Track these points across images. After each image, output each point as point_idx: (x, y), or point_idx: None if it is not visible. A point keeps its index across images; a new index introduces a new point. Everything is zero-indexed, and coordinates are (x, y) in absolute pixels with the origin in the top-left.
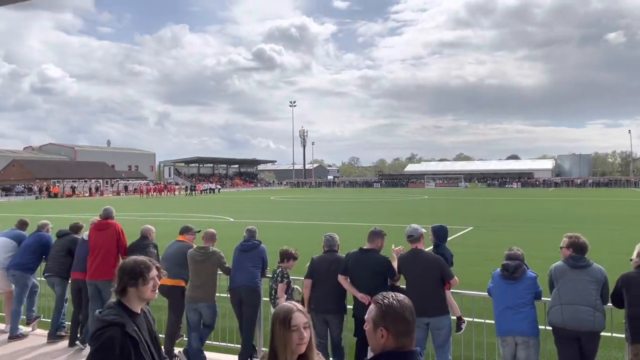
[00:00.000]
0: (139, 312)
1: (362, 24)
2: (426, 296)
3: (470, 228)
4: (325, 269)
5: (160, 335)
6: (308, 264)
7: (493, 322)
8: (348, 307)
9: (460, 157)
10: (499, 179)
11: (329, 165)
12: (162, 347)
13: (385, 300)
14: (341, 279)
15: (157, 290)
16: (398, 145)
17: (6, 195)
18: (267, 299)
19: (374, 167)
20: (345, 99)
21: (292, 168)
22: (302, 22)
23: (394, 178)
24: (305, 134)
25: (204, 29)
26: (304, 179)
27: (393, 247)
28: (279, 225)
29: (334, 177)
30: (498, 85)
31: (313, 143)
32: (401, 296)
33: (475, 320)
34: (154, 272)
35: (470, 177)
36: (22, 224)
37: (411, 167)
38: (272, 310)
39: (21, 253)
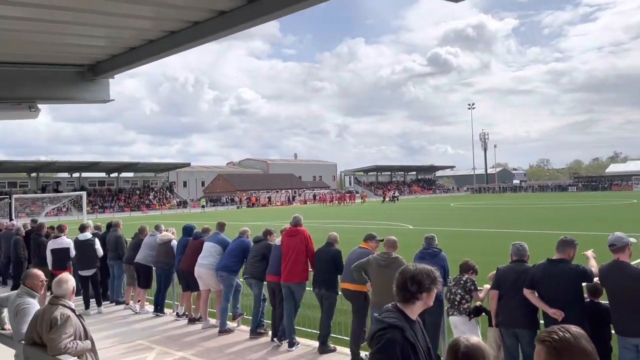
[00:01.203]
0: (415, 319)
1: (548, 14)
2: (635, 315)
3: None
4: (512, 280)
5: (345, 338)
6: (491, 273)
7: None
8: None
9: None
10: None
11: (514, 169)
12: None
13: (554, 336)
14: (528, 293)
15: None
16: (597, 144)
17: (214, 205)
18: (448, 305)
19: (568, 168)
20: (531, 97)
21: (472, 173)
22: (480, 20)
23: (592, 180)
24: (486, 136)
25: (379, 39)
26: (486, 184)
27: (584, 253)
28: (459, 233)
29: (520, 181)
30: None
31: (495, 146)
32: (572, 328)
33: None
34: (440, 285)
35: None
36: (221, 226)
37: (614, 168)
38: (451, 317)
39: (226, 256)
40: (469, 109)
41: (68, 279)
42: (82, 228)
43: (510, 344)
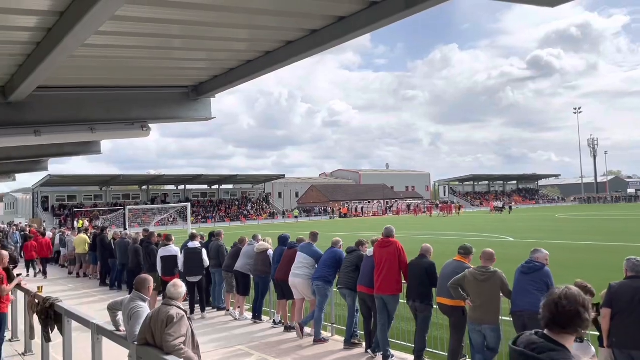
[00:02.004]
0: None
1: None
2: None
3: None
4: (629, 298)
5: (442, 353)
6: (603, 292)
7: None
8: None
9: None
10: None
11: (629, 177)
12: None
13: None
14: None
15: None
16: None
17: (307, 215)
18: None
19: None
20: None
21: (580, 182)
22: (585, 19)
23: None
24: (596, 142)
25: (474, 45)
26: (596, 194)
27: None
28: (565, 246)
29: (636, 190)
30: None
31: (606, 152)
32: None
33: None
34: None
35: None
36: (314, 235)
37: None
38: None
39: (321, 267)
40: (575, 113)
41: (182, 284)
42: (192, 237)
43: None
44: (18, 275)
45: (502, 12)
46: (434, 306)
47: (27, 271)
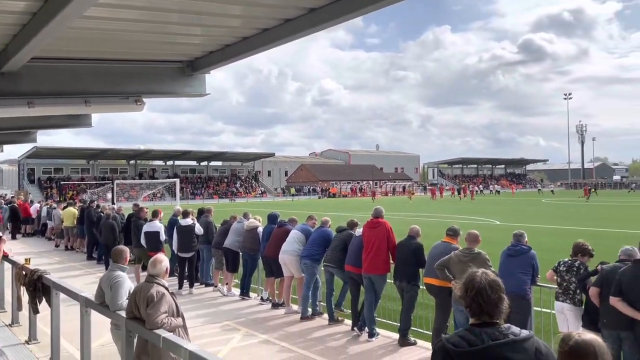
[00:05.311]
0: None
1: None
2: None
3: None
4: None
5: (427, 332)
6: (596, 269)
7: None
8: None
9: None
10: None
11: (615, 164)
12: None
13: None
14: (615, 301)
15: None
16: None
17: (297, 194)
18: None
19: None
20: (635, 86)
21: (567, 167)
22: (578, 4)
23: None
24: (584, 128)
25: (466, 27)
26: (583, 180)
27: None
28: (551, 230)
29: (622, 177)
30: None
31: (594, 139)
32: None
33: None
34: None
35: None
36: (309, 218)
37: None
38: (559, 302)
39: (310, 245)
40: (565, 99)
41: (162, 260)
42: (185, 214)
43: (612, 346)
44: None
45: None
46: (420, 286)
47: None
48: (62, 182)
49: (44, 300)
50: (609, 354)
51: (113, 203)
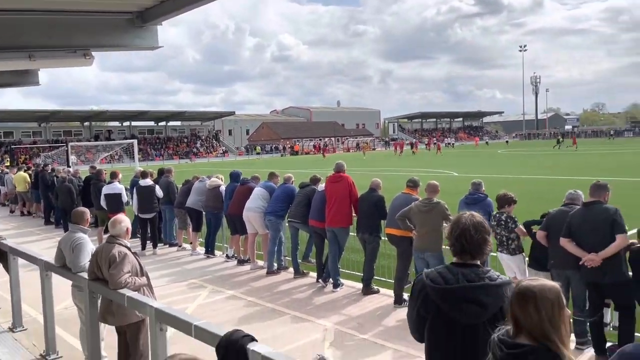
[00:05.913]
0: None
1: None
2: None
3: None
4: (562, 223)
5: (389, 280)
6: (543, 215)
7: None
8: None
9: None
10: None
11: (566, 114)
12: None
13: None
14: (565, 242)
15: None
16: None
17: (258, 153)
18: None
19: (625, 113)
20: (586, 37)
21: (522, 119)
22: None
23: None
24: (538, 80)
25: None
26: (537, 130)
27: None
28: (506, 180)
29: (573, 126)
30: None
31: (547, 90)
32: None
33: None
34: None
35: None
36: (272, 175)
37: None
38: (500, 254)
39: (273, 202)
40: (520, 51)
41: (122, 220)
42: (144, 175)
43: (562, 284)
44: None
45: None
46: (382, 237)
47: None
48: (13, 147)
49: (1, 266)
50: (557, 297)
51: (69, 166)
